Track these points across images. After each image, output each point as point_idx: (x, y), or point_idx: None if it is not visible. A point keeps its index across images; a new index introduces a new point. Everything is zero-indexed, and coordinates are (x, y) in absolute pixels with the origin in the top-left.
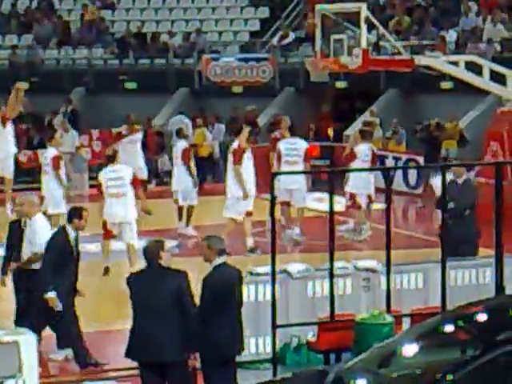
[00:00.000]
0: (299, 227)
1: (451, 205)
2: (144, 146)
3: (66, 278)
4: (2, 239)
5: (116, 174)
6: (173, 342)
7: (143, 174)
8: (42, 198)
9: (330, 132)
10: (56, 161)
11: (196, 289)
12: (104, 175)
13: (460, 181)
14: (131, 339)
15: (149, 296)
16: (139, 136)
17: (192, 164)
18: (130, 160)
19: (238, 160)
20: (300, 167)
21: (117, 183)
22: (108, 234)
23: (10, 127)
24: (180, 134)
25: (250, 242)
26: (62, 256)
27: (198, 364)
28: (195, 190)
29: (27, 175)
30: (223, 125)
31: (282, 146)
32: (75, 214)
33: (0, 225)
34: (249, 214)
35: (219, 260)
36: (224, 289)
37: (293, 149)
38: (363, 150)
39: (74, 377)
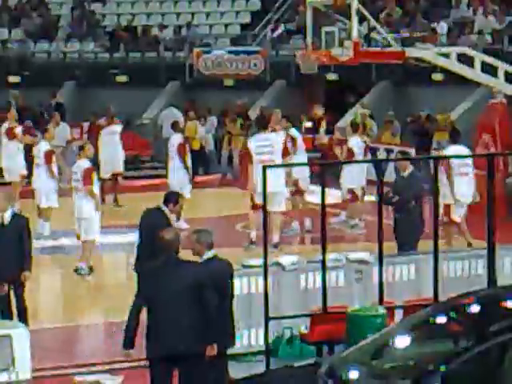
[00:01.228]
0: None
1: (396, 198)
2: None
3: None
4: None
5: (76, 169)
6: (193, 334)
7: (120, 166)
8: (32, 191)
9: (308, 124)
10: (49, 155)
11: None
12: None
13: (405, 174)
14: (149, 335)
15: (173, 289)
16: (118, 128)
17: (187, 158)
18: (110, 152)
19: (287, 154)
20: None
21: (74, 177)
22: (79, 237)
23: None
24: (175, 127)
25: (275, 238)
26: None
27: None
28: (189, 184)
29: None
30: (215, 118)
31: (296, 134)
32: (171, 198)
33: None
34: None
35: (209, 253)
36: (214, 282)
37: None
38: (356, 143)
39: (67, 370)
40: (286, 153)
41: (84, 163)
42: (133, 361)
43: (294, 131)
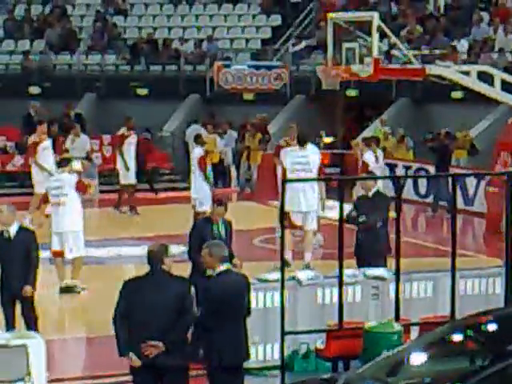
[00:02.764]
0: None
1: (362, 218)
2: None
3: None
4: None
5: (57, 182)
6: (175, 346)
7: (132, 178)
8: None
9: (328, 139)
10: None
11: None
12: (49, 183)
13: (370, 194)
14: (130, 344)
15: (153, 301)
16: (134, 139)
17: (208, 171)
18: (128, 162)
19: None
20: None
21: (57, 192)
22: (56, 254)
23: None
24: (198, 140)
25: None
26: (204, 242)
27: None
28: (210, 197)
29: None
30: (235, 132)
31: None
32: (212, 205)
33: None
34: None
35: (222, 267)
36: (227, 296)
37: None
38: (370, 157)
39: (83, 381)
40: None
41: (71, 177)
42: (133, 374)
43: (312, 147)
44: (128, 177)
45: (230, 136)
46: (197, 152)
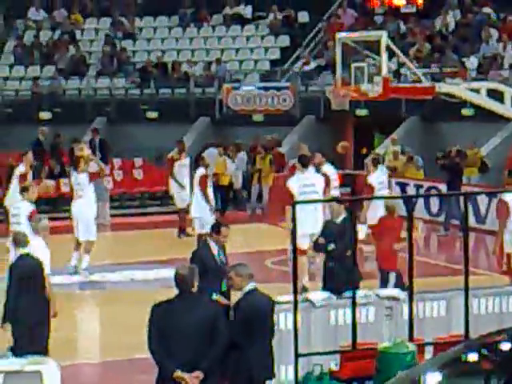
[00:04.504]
0: None
1: (332, 246)
2: None
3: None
4: None
5: (15, 210)
6: (209, 369)
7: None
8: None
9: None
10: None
11: None
12: (11, 211)
13: (338, 220)
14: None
15: (185, 325)
16: (188, 161)
17: (208, 191)
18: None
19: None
20: None
21: (14, 220)
22: None
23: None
24: (201, 161)
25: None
26: (206, 267)
27: None
28: (213, 218)
29: (46, 204)
30: (245, 154)
31: (332, 170)
32: (214, 228)
33: None
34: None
35: (250, 285)
36: (256, 314)
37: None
38: (376, 178)
39: None
40: (325, 190)
41: (28, 206)
42: None
43: (328, 167)
44: (183, 200)
45: (240, 159)
46: (199, 172)
